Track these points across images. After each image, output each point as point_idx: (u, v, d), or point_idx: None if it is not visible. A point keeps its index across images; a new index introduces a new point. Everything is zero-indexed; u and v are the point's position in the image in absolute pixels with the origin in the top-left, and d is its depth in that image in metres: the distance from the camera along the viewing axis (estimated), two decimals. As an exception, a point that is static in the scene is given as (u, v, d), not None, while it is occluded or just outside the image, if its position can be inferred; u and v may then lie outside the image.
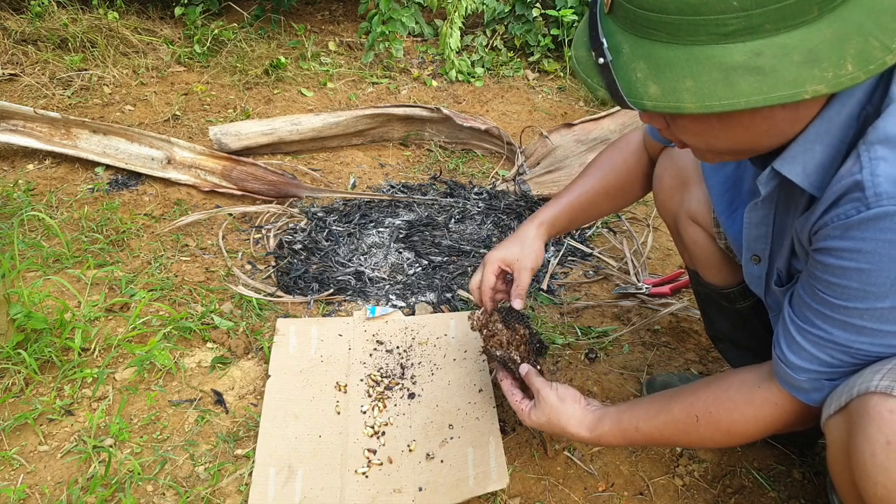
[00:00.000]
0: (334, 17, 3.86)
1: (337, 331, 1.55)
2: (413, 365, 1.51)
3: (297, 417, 1.36)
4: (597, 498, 1.25)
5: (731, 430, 0.96)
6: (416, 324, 1.62)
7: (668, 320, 1.73)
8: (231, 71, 3.09)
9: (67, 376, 1.45)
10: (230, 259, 1.89)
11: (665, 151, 1.27)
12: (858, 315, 0.78)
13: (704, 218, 1.22)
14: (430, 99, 3.07)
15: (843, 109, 0.76)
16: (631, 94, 0.72)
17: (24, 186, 2.14)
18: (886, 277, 0.73)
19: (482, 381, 1.47)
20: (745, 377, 0.97)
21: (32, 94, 2.71)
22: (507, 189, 2.32)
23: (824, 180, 0.80)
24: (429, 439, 1.35)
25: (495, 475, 1.27)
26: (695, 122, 0.78)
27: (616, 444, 1.10)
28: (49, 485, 1.23)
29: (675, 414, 1.01)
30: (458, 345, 1.56)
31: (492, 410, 1.40)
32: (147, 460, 1.29)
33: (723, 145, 0.80)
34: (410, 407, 1.42)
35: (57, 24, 3.06)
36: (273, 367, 1.44)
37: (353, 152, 2.54)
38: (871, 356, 0.81)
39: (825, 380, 0.86)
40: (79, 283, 1.72)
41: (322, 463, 1.28)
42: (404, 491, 1.24)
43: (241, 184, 2.19)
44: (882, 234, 0.71)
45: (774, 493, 1.27)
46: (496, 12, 3.51)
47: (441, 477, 1.27)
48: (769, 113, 0.75)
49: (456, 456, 1.31)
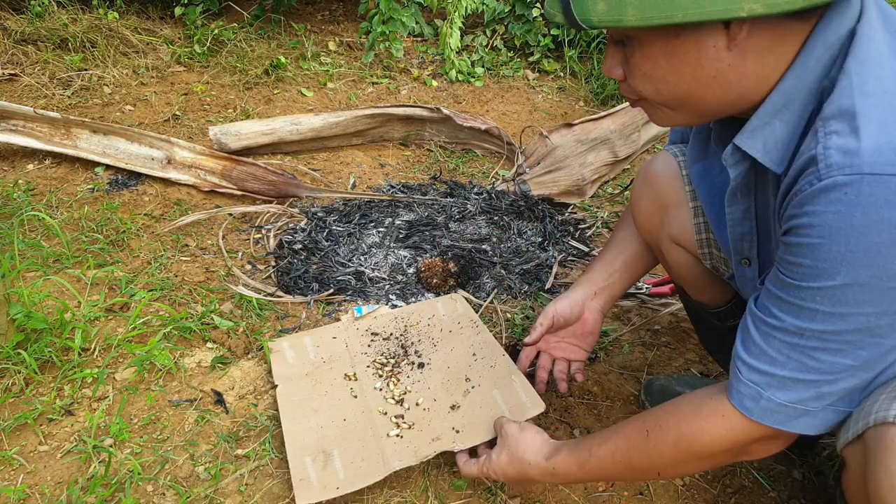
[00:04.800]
0: (334, 17, 3.86)
1: (330, 335, 1.56)
2: (413, 343, 1.54)
3: (316, 412, 1.36)
4: (597, 498, 1.25)
5: (679, 444, 0.90)
6: (404, 313, 1.65)
7: (668, 320, 1.73)
8: (231, 71, 3.09)
9: (67, 376, 1.45)
10: (230, 259, 1.89)
11: (642, 174, 1.27)
12: (811, 296, 0.74)
13: (688, 240, 1.20)
14: (430, 99, 3.07)
15: (799, 83, 0.77)
16: (581, 11, 0.77)
17: (24, 186, 2.14)
18: (837, 251, 0.70)
19: (483, 341, 1.53)
20: (702, 391, 0.93)
21: (32, 94, 2.72)
22: (507, 189, 2.32)
23: (785, 156, 0.79)
24: (451, 394, 1.39)
25: (529, 404, 1.32)
26: (644, 59, 0.81)
27: (571, 474, 1.04)
28: (49, 485, 1.23)
29: (627, 431, 0.97)
30: (450, 320, 1.61)
31: (503, 357, 1.46)
32: (147, 460, 1.29)
33: (671, 91, 0.82)
34: (423, 374, 1.45)
35: (57, 24, 3.06)
36: (277, 377, 1.45)
37: (353, 152, 2.54)
38: (816, 358, 0.77)
39: (763, 386, 0.81)
40: (79, 283, 1.72)
41: (355, 439, 1.29)
42: (442, 437, 1.27)
43: (241, 184, 2.19)
44: (831, 206, 0.70)
45: (774, 493, 1.27)
46: (496, 12, 3.51)
47: (475, 418, 1.31)
48: (714, 54, 0.76)
49: (483, 399, 1.36)
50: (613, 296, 1.36)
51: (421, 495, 1.24)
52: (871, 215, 0.67)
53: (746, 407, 0.84)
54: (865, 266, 0.70)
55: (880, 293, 0.71)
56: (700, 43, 0.76)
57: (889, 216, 0.67)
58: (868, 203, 0.67)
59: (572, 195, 2.29)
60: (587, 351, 1.38)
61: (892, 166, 0.67)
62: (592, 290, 1.34)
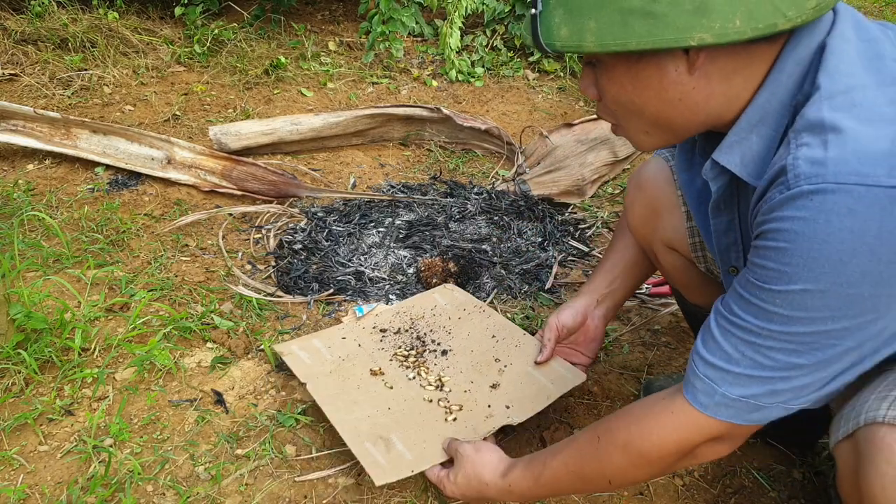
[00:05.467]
0: (334, 17, 3.86)
1: (338, 336, 1.55)
2: (426, 334, 1.54)
3: (357, 403, 1.34)
4: (597, 498, 1.25)
5: (628, 447, 0.91)
6: (404, 307, 1.65)
7: (668, 320, 1.73)
8: (231, 71, 3.09)
9: (67, 376, 1.45)
10: (230, 259, 1.89)
11: (634, 180, 1.29)
12: (772, 299, 0.76)
13: (681, 244, 1.22)
14: (430, 99, 3.07)
15: (773, 98, 0.79)
16: (547, 36, 0.80)
17: (24, 186, 2.14)
18: (800, 257, 0.72)
19: (497, 323, 1.54)
20: (656, 394, 0.93)
21: (32, 94, 2.72)
22: (507, 189, 2.32)
23: (762, 170, 0.81)
24: (485, 375, 1.40)
25: (570, 375, 1.34)
26: (611, 83, 0.84)
27: (526, 490, 1.03)
28: (49, 485, 1.23)
29: (580, 440, 0.98)
30: (454, 308, 1.62)
31: (525, 336, 1.48)
32: (147, 460, 1.29)
33: (640, 114, 0.85)
34: (449, 360, 1.45)
35: (57, 24, 3.06)
36: (302, 376, 1.41)
37: (353, 152, 2.54)
38: (770, 357, 0.78)
39: (718, 381, 0.82)
40: (79, 283, 1.72)
41: (409, 425, 1.28)
42: (496, 414, 1.29)
43: (241, 184, 2.19)
44: (798, 212, 0.71)
45: (774, 493, 1.27)
46: (496, 12, 3.51)
47: (520, 393, 1.33)
48: (676, 78, 0.79)
49: (520, 376, 1.38)
50: (616, 302, 1.38)
51: (421, 495, 1.24)
52: (834, 223, 0.69)
53: (700, 402, 0.85)
54: (826, 273, 0.71)
55: (839, 300, 0.72)
56: (661, 68, 0.79)
57: (850, 225, 0.68)
58: (831, 211, 0.69)
59: (572, 195, 2.29)
60: (590, 358, 1.39)
61: (855, 176, 0.68)
62: (595, 298, 1.36)
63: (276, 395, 1.45)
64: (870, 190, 0.67)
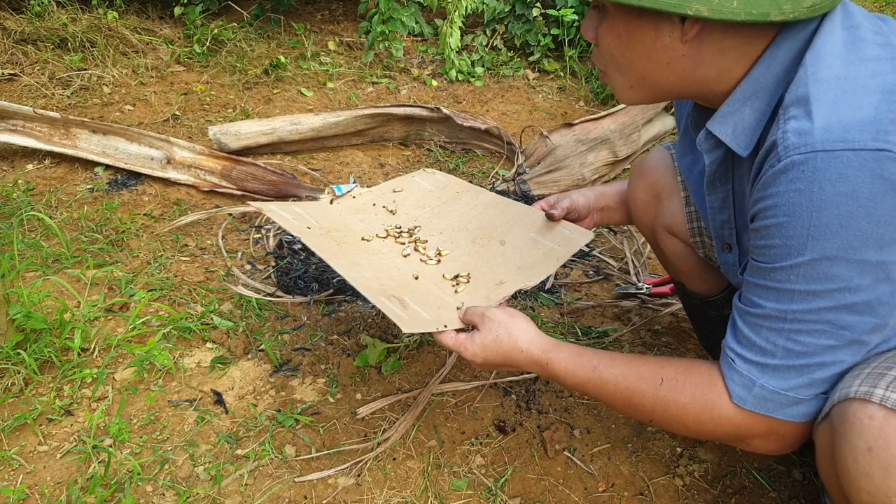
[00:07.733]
0: (334, 17, 3.86)
1: (318, 207, 1.44)
2: (416, 212, 1.46)
3: (358, 265, 1.23)
4: (597, 498, 1.25)
5: (688, 409, 0.90)
6: (384, 189, 1.54)
7: (669, 320, 1.73)
8: (231, 71, 3.09)
9: (67, 376, 1.44)
10: (230, 259, 1.89)
11: (637, 168, 1.33)
12: (786, 276, 0.77)
13: (681, 229, 1.26)
14: (430, 99, 3.07)
15: (768, 72, 0.82)
16: None
17: (23, 186, 2.14)
18: (802, 227, 0.73)
19: (490, 197, 1.46)
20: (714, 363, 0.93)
21: (32, 94, 2.71)
22: (507, 189, 2.32)
23: (751, 141, 0.84)
24: (486, 247, 1.33)
25: (576, 235, 1.28)
26: (608, 31, 0.88)
27: (565, 376, 1.01)
28: (49, 485, 1.23)
29: (642, 370, 0.95)
30: (439, 189, 1.52)
31: (521, 206, 1.40)
32: (147, 460, 1.28)
33: (628, 68, 0.89)
34: (444, 236, 1.38)
35: (57, 23, 3.06)
36: (294, 230, 1.28)
37: (353, 152, 2.54)
38: (800, 342, 0.79)
39: (756, 375, 0.83)
40: (78, 283, 1.72)
41: (419, 290, 1.20)
42: (506, 280, 1.22)
43: (240, 184, 2.19)
44: (791, 184, 0.73)
45: (775, 494, 1.27)
46: (496, 12, 3.51)
47: (529, 259, 1.26)
48: (669, 43, 0.83)
49: (525, 243, 1.31)
50: (610, 220, 1.42)
51: (421, 495, 1.24)
52: (828, 189, 0.71)
53: (739, 396, 0.85)
54: (829, 239, 0.73)
55: (849, 266, 0.74)
56: (657, 31, 0.83)
57: (844, 189, 0.71)
58: (824, 178, 0.71)
59: (572, 195, 2.29)
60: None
61: (841, 142, 0.70)
62: (601, 204, 1.39)
63: (275, 395, 1.45)
64: (857, 154, 0.70)
